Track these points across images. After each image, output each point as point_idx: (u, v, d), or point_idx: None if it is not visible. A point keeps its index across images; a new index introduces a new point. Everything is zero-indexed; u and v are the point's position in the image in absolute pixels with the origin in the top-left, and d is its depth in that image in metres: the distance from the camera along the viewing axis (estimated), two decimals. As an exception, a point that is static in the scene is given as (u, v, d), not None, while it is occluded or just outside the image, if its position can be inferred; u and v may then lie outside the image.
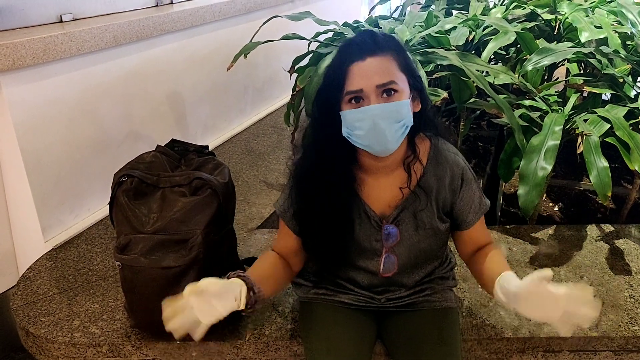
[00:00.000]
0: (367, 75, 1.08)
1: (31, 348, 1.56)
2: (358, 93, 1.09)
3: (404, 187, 1.21)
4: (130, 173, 1.42)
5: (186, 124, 2.69)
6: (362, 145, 1.13)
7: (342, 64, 1.10)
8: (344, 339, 1.26)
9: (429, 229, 1.24)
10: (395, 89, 1.09)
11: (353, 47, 1.11)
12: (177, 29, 2.46)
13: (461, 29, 2.44)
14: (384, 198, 1.23)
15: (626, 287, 1.64)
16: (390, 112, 1.09)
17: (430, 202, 1.23)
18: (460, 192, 1.24)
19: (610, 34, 2.18)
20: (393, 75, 1.09)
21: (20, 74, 1.80)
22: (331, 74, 1.13)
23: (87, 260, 1.87)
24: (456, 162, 1.24)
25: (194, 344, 1.45)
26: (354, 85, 1.09)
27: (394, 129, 1.10)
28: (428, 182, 1.22)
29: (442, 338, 1.26)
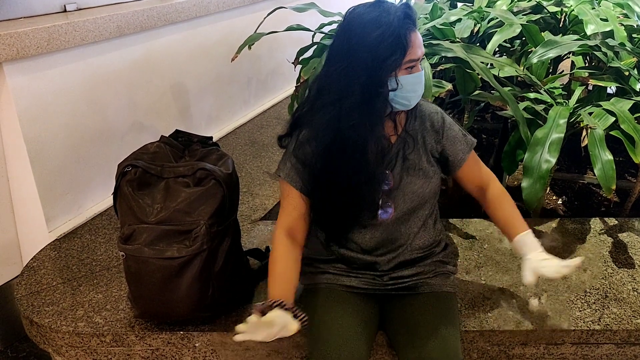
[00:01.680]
0: (421, 44, 1.22)
1: (35, 337, 1.57)
2: (417, 61, 1.21)
3: (392, 134, 1.32)
4: (134, 163, 1.42)
5: (190, 115, 2.69)
6: (404, 104, 1.25)
7: (403, 34, 1.17)
8: (346, 325, 1.26)
9: (418, 169, 1.33)
10: None
11: (410, 18, 1.19)
12: (181, 19, 2.45)
13: (466, 21, 2.42)
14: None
15: (629, 280, 1.64)
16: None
17: (416, 145, 1.33)
18: (444, 132, 1.35)
19: (616, 27, 2.17)
20: None
21: (25, 64, 1.80)
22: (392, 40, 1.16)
23: (91, 250, 1.87)
24: (433, 108, 1.38)
25: (197, 334, 1.46)
26: (416, 54, 1.20)
27: None
28: (412, 129, 1.33)
29: (440, 321, 1.27)
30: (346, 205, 1.28)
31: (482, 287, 1.61)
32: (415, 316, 1.29)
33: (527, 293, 1.58)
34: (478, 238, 1.86)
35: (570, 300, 1.56)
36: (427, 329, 1.25)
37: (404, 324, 1.29)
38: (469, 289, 1.61)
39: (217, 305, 1.46)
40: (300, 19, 2.47)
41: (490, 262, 1.73)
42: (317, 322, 1.30)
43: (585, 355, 1.50)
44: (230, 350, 1.49)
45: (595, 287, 1.61)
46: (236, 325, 1.45)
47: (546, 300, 1.55)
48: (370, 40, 1.16)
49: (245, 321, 1.14)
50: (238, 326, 1.14)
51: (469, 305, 1.54)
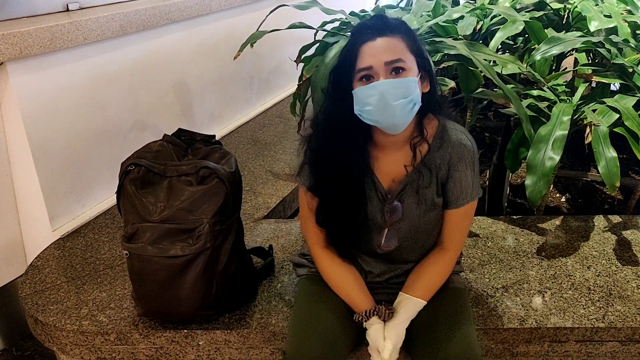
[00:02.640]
0: (376, 53, 1.14)
1: (40, 336, 1.58)
2: (368, 70, 1.14)
3: (409, 165, 1.26)
4: (138, 162, 1.42)
5: (192, 113, 2.69)
6: (372, 121, 1.17)
7: (354, 44, 1.16)
8: (328, 316, 1.26)
9: (429, 204, 1.27)
10: (403, 67, 1.14)
11: (365, 28, 1.17)
12: (183, 18, 2.45)
13: (469, 18, 2.41)
14: (391, 173, 1.28)
15: (633, 277, 1.64)
16: (398, 87, 1.13)
17: (431, 179, 1.27)
18: (453, 169, 1.26)
19: (620, 23, 2.16)
20: (401, 54, 1.15)
21: (28, 63, 1.80)
22: (344, 54, 1.19)
23: (95, 249, 1.88)
24: (460, 140, 1.26)
25: (201, 332, 1.46)
26: (364, 63, 1.14)
27: (402, 104, 1.14)
28: (432, 160, 1.26)
29: (456, 318, 1.26)
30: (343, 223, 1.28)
31: (485, 285, 1.61)
32: (430, 314, 1.28)
33: (531, 291, 1.58)
34: (482, 236, 1.86)
35: (574, 298, 1.55)
36: (444, 326, 1.24)
37: (419, 322, 1.28)
38: (472, 286, 1.61)
39: (220, 304, 1.46)
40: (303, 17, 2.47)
41: (494, 260, 1.73)
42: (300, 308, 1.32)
43: (589, 353, 1.50)
44: (234, 349, 1.49)
45: (599, 285, 1.61)
46: (239, 323, 1.47)
47: (550, 298, 1.55)
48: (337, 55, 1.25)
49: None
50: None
51: (473, 303, 1.54)
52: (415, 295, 1.28)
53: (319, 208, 1.29)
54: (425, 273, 1.31)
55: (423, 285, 1.30)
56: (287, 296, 1.58)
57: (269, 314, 1.51)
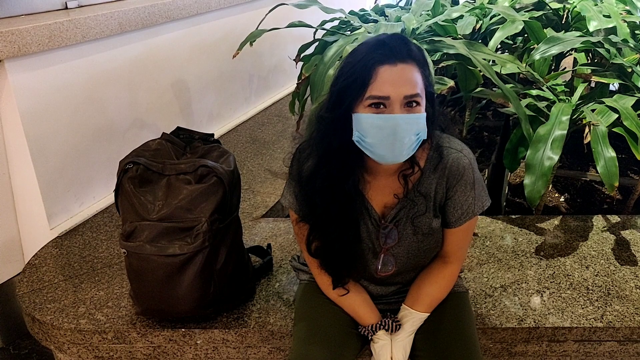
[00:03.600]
0: (397, 82, 1.03)
1: (37, 334, 1.57)
2: (384, 100, 1.03)
3: (400, 194, 1.19)
4: (136, 160, 1.42)
5: (191, 112, 2.69)
6: (372, 153, 1.08)
7: (371, 63, 1.04)
8: (332, 323, 1.25)
9: (426, 230, 1.21)
10: (419, 101, 1.06)
11: (384, 47, 1.05)
12: (182, 16, 2.45)
13: (468, 18, 2.42)
14: (384, 199, 1.22)
15: (632, 277, 1.64)
16: (412, 123, 1.05)
17: (427, 206, 1.20)
18: (452, 191, 1.19)
19: (619, 23, 2.16)
20: (418, 87, 1.05)
21: (26, 61, 1.80)
22: (355, 71, 1.05)
23: (93, 247, 1.88)
24: (456, 161, 1.18)
25: (199, 331, 1.46)
26: (382, 91, 1.03)
27: (411, 141, 1.06)
28: (426, 186, 1.19)
29: (458, 322, 1.25)
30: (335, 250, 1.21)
31: (484, 285, 1.61)
32: (433, 319, 1.26)
33: (530, 290, 1.58)
34: (480, 235, 1.86)
35: (572, 298, 1.55)
36: (447, 332, 1.23)
37: (422, 328, 1.26)
38: (471, 286, 1.60)
39: (218, 303, 1.46)
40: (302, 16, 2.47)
41: (493, 260, 1.73)
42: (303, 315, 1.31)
43: (587, 353, 1.50)
44: (232, 348, 1.49)
45: (597, 285, 1.61)
46: (237, 322, 1.47)
47: (548, 298, 1.55)
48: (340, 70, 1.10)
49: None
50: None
51: (472, 302, 1.53)
52: (419, 310, 1.24)
53: (310, 236, 1.22)
54: (428, 287, 1.26)
55: (427, 299, 1.25)
56: (286, 295, 1.58)
57: (267, 313, 1.51)
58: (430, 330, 1.25)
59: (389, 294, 1.33)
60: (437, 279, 1.27)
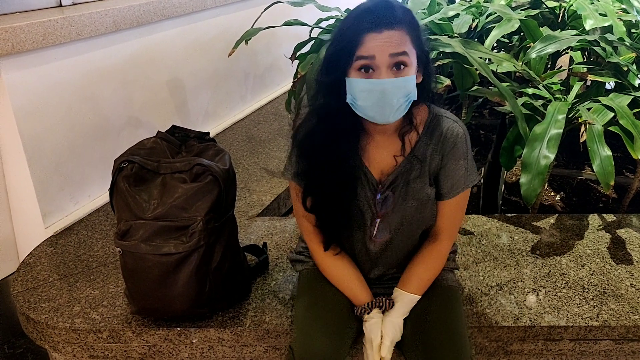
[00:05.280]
0: (381, 44, 1.07)
1: (32, 334, 1.57)
2: (370, 60, 1.08)
3: (399, 155, 1.23)
4: (131, 159, 1.41)
5: (187, 110, 2.68)
6: (364, 115, 1.14)
7: (357, 31, 1.08)
8: (332, 309, 1.26)
9: (421, 196, 1.24)
10: (406, 62, 1.09)
11: (370, 15, 1.09)
12: (177, 14, 2.44)
13: (464, 16, 2.41)
14: (381, 164, 1.25)
15: (627, 276, 1.64)
16: (399, 87, 1.09)
17: (422, 170, 1.24)
18: (446, 159, 1.23)
19: (615, 22, 2.16)
20: (406, 47, 1.09)
21: (20, 59, 1.79)
22: (343, 39, 1.10)
23: (88, 246, 1.87)
24: (451, 129, 1.23)
25: (194, 330, 1.45)
26: (367, 51, 1.07)
27: (400, 102, 1.11)
28: (422, 151, 1.23)
29: (447, 316, 1.26)
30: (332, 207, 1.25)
31: (480, 283, 1.61)
32: (422, 312, 1.27)
33: (525, 289, 1.58)
34: (476, 234, 1.86)
35: (568, 297, 1.55)
36: (436, 326, 1.23)
37: (412, 321, 1.27)
38: (467, 284, 1.60)
39: (214, 302, 1.45)
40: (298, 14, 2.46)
41: (488, 258, 1.73)
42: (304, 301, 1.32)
43: (583, 352, 1.50)
44: (228, 347, 1.49)
45: (593, 284, 1.61)
46: (233, 321, 1.47)
47: (544, 297, 1.55)
48: (332, 38, 1.15)
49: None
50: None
51: (467, 301, 1.53)
52: (410, 291, 1.27)
53: (306, 193, 1.25)
54: (419, 268, 1.30)
55: (417, 280, 1.29)
56: (281, 294, 1.57)
57: (262, 312, 1.50)
58: (419, 324, 1.26)
59: (384, 278, 1.35)
60: (425, 258, 1.31)
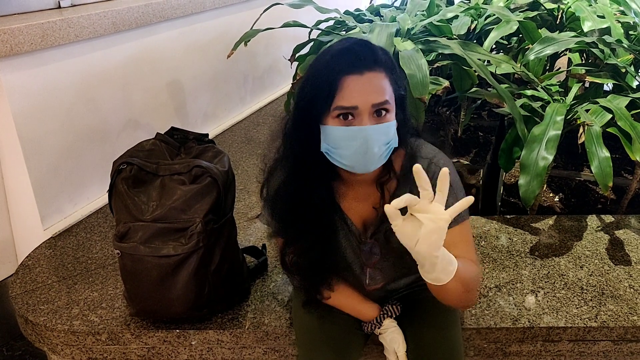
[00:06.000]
0: (365, 92, 0.98)
1: (30, 336, 1.56)
2: (351, 110, 0.99)
3: (377, 206, 1.15)
4: (130, 161, 1.41)
5: (186, 112, 2.68)
6: (342, 165, 1.05)
7: (335, 73, 0.99)
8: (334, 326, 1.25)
9: None
10: (388, 108, 1.02)
11: (350, 56, 1.00)
12: (176, 16, 2.44)
13: (463, 18, 2.42)
14: (362, 214, 1.18)
15: (626, 277, 1.64)
16: (381, 133, 1.01)
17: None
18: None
19: (613, 24, 2.17)
20: (387, 94, 1.01)
21: (18, 61, 1.78)
22: (319, 82, 1.01)
23: (86, 248, 1.86)
24: (429, 170, 1.11)
25: (194, 332, 1.45)
26: (349, 101, 0.98)
27: (381, 151, 1.03)
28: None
29: (442, 323, 1.25)
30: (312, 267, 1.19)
31: (479, 285, 1.61)
32: (418, 316, 1.27)
33: (524, 290, 1.58)
34: (475, 235, 1.86)
35: (567, 298, 1.56)
36: (430, 330, 1.23)
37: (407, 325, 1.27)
38: (466, 286, 1.60)
39: (213, 303, 1.45)
40: (297, 16, 2.46)
41: (487, 260, 1.73)
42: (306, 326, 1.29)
43: (582, 352, 1.50)
44: (227, 348, 1.49)
45: (592, 285, 1.61)
46: (232, 323, 1.46)
47: (543, 298, 1.55)
48: (304, 80, 1.05)
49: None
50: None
51: (466, 302, 1.54)
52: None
53: (283, 250, 1.19)
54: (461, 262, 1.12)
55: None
56: (281, 296, 1.57)
57: (262, 314, 1.50)
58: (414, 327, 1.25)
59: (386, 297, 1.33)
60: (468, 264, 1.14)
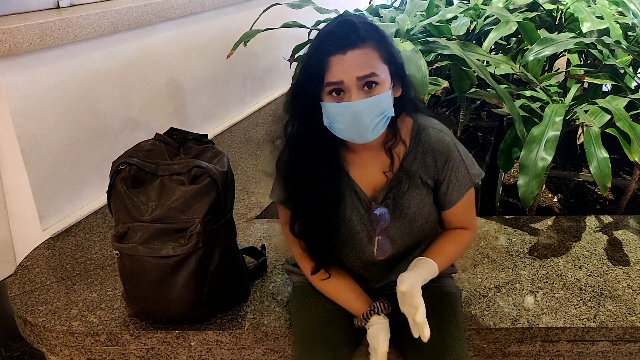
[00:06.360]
0: (347, 68, 1.06)
1: (29, 337, 1.56)
2: (339, 85, 1.07)
3: (387, 170, 1.21)
4: (129, 161, 1.41)
5: (185, 112, 2.68)
6: (343, 137, 1.14)
7: (322, 56, 1.07)
8: (330, 321, 1.26)
9: (418, 205, 1.23)
10: (377, 81, 1.08)
11: (333, 38, 1.08)
12: (176, 16, 2.44)
13: (462, 19, 2.42)
14: (371, 180, 1.23)
15: (624, 277, 1.65)
16: (372, 106, 1.08)
17: (414, 183, 1.22)
18: (444, 171, 1.22)
19: (611, 25, 2.17)
20: (374, 67, 1.07)
21: (17, 61, 1.78)
22: (310, 65, 1.10)
23: (85, 249, 1.86)
24: (439, 139, 1.21)
25: (193, 333, 1.45)
26: (334, 77, 1.07)
27: (375, 122, 1.10)
28: (411, 163, 1.21)
29: (445, 322, 1.25)
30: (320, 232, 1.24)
31: (478, 285, 1.61)
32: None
33: (523, 291, 1.58)
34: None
35: (565, 298, 1.56)
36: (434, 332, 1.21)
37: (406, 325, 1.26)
38: (465, 287, 1.61)
39: (212, 304, 1.45)
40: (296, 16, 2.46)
41: (487, 260, 1.73)
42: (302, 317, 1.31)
43: (580, 353, 1.50)
44: (226, 349, 1.48)
45: (590, 285, 1.61)
46: (232, 323, 1.46)
47: (542, 298, 1.56)
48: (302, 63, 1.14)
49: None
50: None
51: (465, 303, 1.54)
52: (430, 257, 1.22)
53: (295, 217, 1.25)
54: (442, 242, 1.28)
55: (439, 251, 1.25)
56: (280, 296, 1.57)
57: (261, 315, 1.50)
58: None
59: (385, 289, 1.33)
60: (452, 237, 1.29)
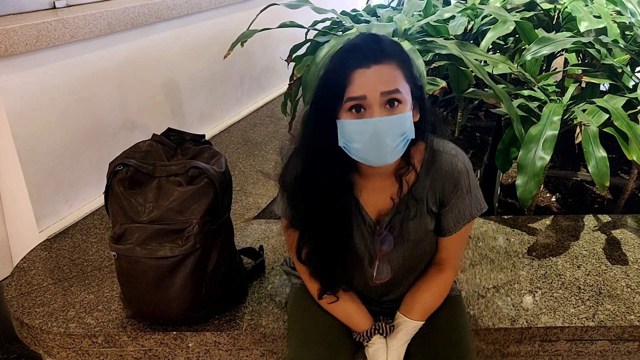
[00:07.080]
0: (371, 82, 1.01)
1: (26, 339, 1.55)
2: (360, 100, 1.02)
3: (395, 197, 1.17)
4: (126, 162, 1.40)
5: (182, 113, 2.67)
6: (359, 158, 1.08)
7: (345, 69, 1.03)
8: (326, 327, 1.25)
9: (421, 233, 1.21)
10: (400, 99, 1.03)
11: (357, 52, 1.04)
12: (173, 16, 2.43)
13: (460, 18, 2.42)
14: (378, 204, 1.20)
15: (623, 276, 1.64)
16: (394, 125, 1.03)
17: (420, 210, 1.18)
18: (449, 197, 1.18)
19: (609, 24, 2.17)
20: (398, 84, 1.03)
21: (13, 61, 1.77)
22: (331, 79, 1.05)
23: (82, 250, 1.85)
24: (452, 165, 1.16)
25: (191, 334, 1.45)
26: (357, 92, 1.01)
27: (396, 142, 1.04)
28: (420, 190, 1.17)
29: (452, 327, 1.25)
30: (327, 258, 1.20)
31: (476, 286, 1.61)
32: (428, 323, 1.25)
33: (522, 291, 1.58)
34: (472, 236, 1.86)
35: (564, 297, 1.56)
36: (442, 336, 1.22)
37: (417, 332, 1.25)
38: (464, 287, 1.60)
39: (210, 305, 1.44)
40: (294, 16, 2.46)
41: (485, 261, 1.73)
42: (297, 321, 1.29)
43: (579, 352, 1.50)
44: (224, 350, 1.48)
45: (589, 284, 1.61)
46: (229, 324, 1.46)
47: (541, 298, 1.55)
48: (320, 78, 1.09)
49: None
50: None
51: (465, 303, 1.53)
52: (413, 318, 1.23)
53: (300, 242, 1.21)
54: (425, 295, 1.25)
55: (420, 307, 1.24)
56: (278, 297, 1.57)
57: (259, 316, 1.50)
58: (424, 335, 1.24)
59: (385, 303, 1.32)
60: (431, 286, 1.26)
